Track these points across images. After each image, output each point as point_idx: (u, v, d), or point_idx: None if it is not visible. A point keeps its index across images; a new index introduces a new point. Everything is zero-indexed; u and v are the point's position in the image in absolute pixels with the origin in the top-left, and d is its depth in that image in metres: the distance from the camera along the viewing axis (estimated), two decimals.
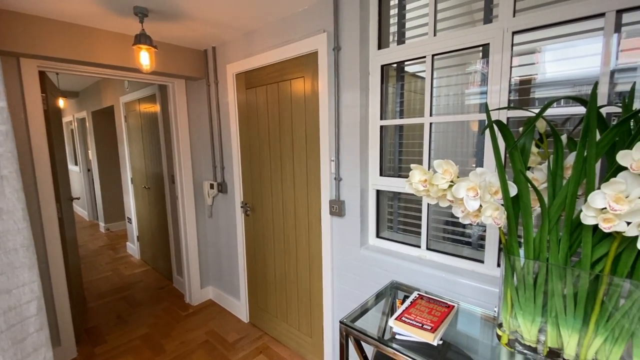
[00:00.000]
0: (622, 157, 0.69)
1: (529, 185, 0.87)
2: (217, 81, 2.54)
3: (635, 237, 0.71)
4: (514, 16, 1.21)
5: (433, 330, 1.02)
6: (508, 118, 1.27)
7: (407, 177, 1.60)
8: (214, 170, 2.73)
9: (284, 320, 2.35)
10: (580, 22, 1.09)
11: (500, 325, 1.00)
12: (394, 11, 1.61)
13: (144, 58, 1.84)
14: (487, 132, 1.32)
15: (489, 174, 0.93)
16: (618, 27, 1.03)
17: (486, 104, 0.96)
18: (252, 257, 2.53)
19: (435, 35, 1.44)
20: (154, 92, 3.14)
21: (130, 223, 4.22)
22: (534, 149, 0.96)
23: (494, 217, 0.90)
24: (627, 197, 0.68)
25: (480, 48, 1.34)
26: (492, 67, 1.27)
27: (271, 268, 2.38)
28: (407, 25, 1.58)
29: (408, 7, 1.57)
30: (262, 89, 2.19)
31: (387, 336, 1.12)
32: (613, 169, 0.74)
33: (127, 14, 1.82)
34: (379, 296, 1.42)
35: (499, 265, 1.35)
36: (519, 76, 1.26)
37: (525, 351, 0.94)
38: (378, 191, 1.75)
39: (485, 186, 0.90)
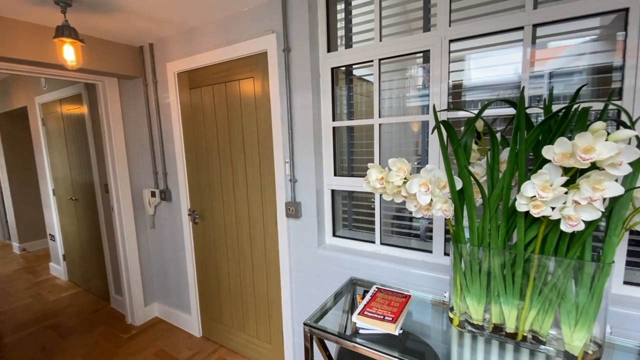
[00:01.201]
0: (546, 151, 0.80)
1: (472, 179, 0.96)
2: (156, 80, 2.35)
3: (558, 220, 0.83)
4: (450, 26, 1.33)
5: (394, 320, 1.07)
6: (448, 119, 1.39)
7: (360, 176, 1.67)
8: (155, 176, 2.52)
9: (240, 329, 2.27)
10: (504, 33, 1.24)
11: (451, 309, 1.09)
12: (341, 15, 1.66)
13: (69, 53, 1.62)
14: (430, 131, 1.42)
15: (438, 170, 1.00)
16: (534, 39, 1.19)
17: (433, 106, 1.03)
18: (203, 267, 2.40)
19: (381, 40, 1.52)
20: (79, 91, 2.80)
21: (54, 241, 3.70)
22: (473, 146, 1.06)
23: (443, 210, 0.97)
24: (551, 186, 0.79)
25: (422, 54, 1.45)
26: (432, 72, 1.38)
27: (225, 277, 2.28)
28: (354, 30, 1.64)
29: (354, 12, 1.63)
30: (208, 89, 2.09)
31: (350, 332, 1.15)
32: (539, 162, 0.85)
33: (46, 2, 1.60)
34: (338, 294, 1.44)
35: (445, 254, 1.47)
36: (454, 80, 1.38)
37: (473, 330, 1.03)
38: (333, 191, 1.78)
39: (434, 181, 0.97)
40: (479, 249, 0.98)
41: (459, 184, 0.99)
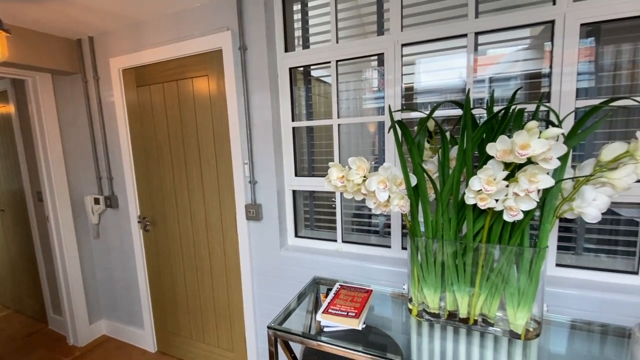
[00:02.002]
0: (490, 148, 0.87)
1: (426, 175, 1.02)
2: (98, 77, 2.16)
3: (501, 211, 0.91)
4: (402, 30, 1.40)
5: (357, 316, 1.09)
6: (402, 119, 1.45)
7: (320, 176, 1.68)
8: (98, 182, 2.32)
9: (200, 340, 2.16)
10: (450, 40, 1.33)
11: (410, 300, 1.14)
12: (297, 16, 1.66)
13: None
14: (387, 131, 1.48)
15: (394, 168, 1.04)
16: (476, 47, 1.29)
17: (389, 107, 1.07)
18: (157, 277, 2.25)
19: (337, 42, 1.55)
20: (4, 87, 2.47)
21: None
22: (426, 145, 1.12)
23: (400, 205, 1.01)
24: (495, 180, 0.86)
25: (377, 57, 1.51)
26: (387, 75, 1.44)
27: (181, 286, 2.15)
28: (312, 31, 1.65)
29: (311, 13, 1.64)
30: (157, 87, 1.97)
31: (314, 332, 1.15)
32: (484, 158, 0.93)
33: None
34: (302, 295, 1.44)
35: (403, 248, 1.54)
36: (407, 83, 1.45)
37: (431, 318, 1.09)
38: (294, 191, 1.78)
39: (392, 179, 1.01)
40: (433, 241, 1.04)
41: (413, 181, 1.04)
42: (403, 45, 1.40)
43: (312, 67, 1.69)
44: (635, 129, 1.16)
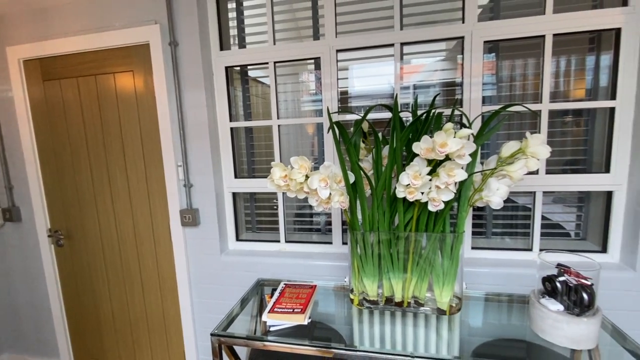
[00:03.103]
0: (415, 147, 0.97)
1: (362, 173, 1.09)
2: None
3: (426, 202, 1.02)
4: (336, 37, 1.47)
5: (303, 311, 1.12)
6: (338, 121, 1.53)
7: (261, 177, 1.67)
8: None
9: None
10: (380, 48, 1.45)
11: (351, 291, 1.21)
12: (232, 14, 1.63)
13: None
14: (326, 131, 1.54)
15: (334, 167, 1.10)
16: (402, 56, 1.43)
17: (327, 108, 1.13)
18: (74, 297, 1.98)
19: (275, 44, 1.56)
20: None
21: None
22: (361, 145, 1.20)
23: (340, 202, 1.07)
24: (420, 175, 0.96)
25: (313, 61, 1.56)
26: (324, 78, 1.50)
27: (106, 305, 1.93)
28: (248, 31, 1.63)
29: (247, 13, 1.62)
30: (70, 82, 1.74)
31: (260, 333, 1.14)
32: (411, 156, 1.03)
33: None
34: (246, 299, 1.41)
35: (344, 243, 1.61)
36: (342, 87, 1.54)
37: (370, 306, 1.17)
38: (234, 194, 1.73)
39: (332, 176, 1.06)
40: (371, 233, 1.12)
41: (352, 178, 1.11)
42: (338, 50, 1.48)
43: (249, 67, 1.67)
44: (527, 129, 1.41)
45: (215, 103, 1.64)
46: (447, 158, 0.97)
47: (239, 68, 1.67)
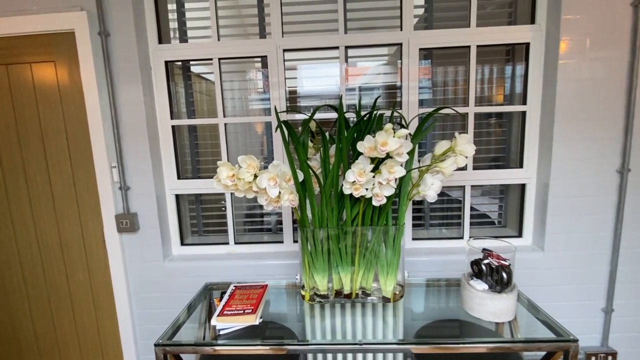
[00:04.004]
0: (359, 146, 1.02)
1: (311, 171, 1.12)
2: None
3: (370, 198, 1.08)
4: (283, 36, 1.48)
5: (254, 311, 1.11)
6: (286, 120, 1.54)
7: (207, 177, 1.61)
8: None
9: None
10: (326, 50, 1.49)
11: (302, 287, 1.23)
12: (172, 6, 1.54)
13: None
14: (274, 130, 1.54)
15: (283, 165, 1.11)
16: (347, 59, 1.49)
17: (274, 107, 1.13)
18: None
19: (219, 40, 1.51)
20: None
21: None
22: (309, 144, 1.23)
23: (290, 200, 1.08)
24: (364, 172, 1.02)
25: (260, 59, 1.55)
26: (271, 77, 1.50)
27: (27, 324, 1.70)
28: (190, 24, 1.56)
29: (188, 6, 1.55)
30: None
31: (210, 339, 1.10)
32: (356, 155, 1.09)
33: None
34: (193, 305, 1.35)
35: (294, 241, 1.63)
36: (290, 87, 1.55)
37: (321, 300, 1.21)
38: (178, 196, 1.64)
39: (281, 175, 1.07)
40: (320, 229, 1.15)
41: (301, 176, 1.13)
42: (285, 50, 1.48)
43: (192, 62, 1.60)
44: (458, 130, 1.56)
45: (154, 99, 1.54)
46: (388, 156, 1.04)
47: (180, 63, 1.59)
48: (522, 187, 1.57)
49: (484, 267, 1.13)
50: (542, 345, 1.00)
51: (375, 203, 1.07)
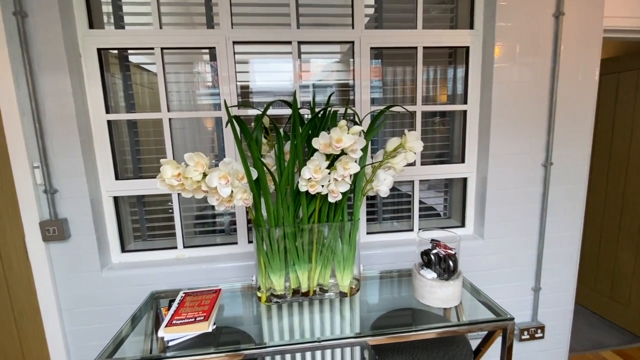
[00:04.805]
0: (315, 142, 1.01)
1: (265, 168, 1.08)
2: None
3: (326, 194, 1.08)
4: (232, 28, 1.41)
5: (206, 318, 1.04)
6: (238, 116, 1.48)
7: (151, 177, 1.48)
8: None
9: None
10: (278, 45, 1.46)
11: (259, 289, 1.19)
12: None
13: None
14: (224, 125, 1.47)
15: (235, 163, 1.05)
16: (300, 54, 1.47)
17: (224, 101, 1.07)
18: None
19: (161, 28, 1.40)
20: None
21: None
22: (263, 140, 1.19)
23: (244, 199, 1.04)
24: (320, 169, 1.01)
25: (208, 51, 1.46)
26: (220, 71, 1.42)
27: None
28: (126, 9, 1.41)
29: None
30: None
31: (158, 351, 1.02)
32: (311, 151, 1.07)
33: None
34: (138, 316, 1.24)
35: (250, 241, 1.58)
36: (241, 81, 1.49)
37: (278, 300, 1.18)
38: (116, 198, 1.49)
39: (233, 173, 1.02)
40: (276, 228, 1.12)
41: (254, 174, 1.08)
42: (235, 42, 1.42)
43: (130, 51, 1.46)
44: (406, 128, 1.63)
45: (85, 91, 1.37)
46: (343, 153, 1.04)
47: (116, 52, 1.44)
48: (464, 180, 1.69)
49: (432, 256, 1.20)
50: (484, 325, 1.09)
51: (331, 199, 1.07)
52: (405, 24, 1.53)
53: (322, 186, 1.05)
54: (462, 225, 1.72)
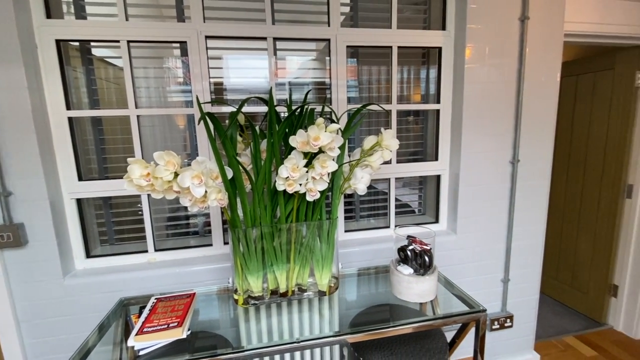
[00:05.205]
0: (292, 141, 1.00)
1: (241, 167, 1.05)
2: None
3: (304, 193, 1.07)
4: (204, 22, 1.36)
5: (180, 324, 1.00)
6: (211, 113, 1.43)
7: (118, 177, 1.40)
8: None
9: None
10: (253, 40, 1.42)
11: (235, 291, 1.16)
12: None
13: None
14: (197, 122, 1.42)
15: (208, 162, 1.02)
16: (275, 51, 1.44)
17: (196, 97, 1.03)
18: None
19: (127, 19, 1.32)
20: None
21: None
22: (238, 138, 1.16)
23: (218, 200, 1.00)
24: (298, 167, 1.00)
25: (179, 45, 1.40)
26: (192, 66, 1.37)
27: None
28: None
29: None
30: None
31: None
32: (288, 150, 1.06)
33: None
34: (106, 324, 1.17)
35: (225, 243, 1.53)
36: (214, 77, 1.44)
37: (256, 302, 1.16)
38: (80, 201, 1.40)
39: (207, 173, 0.98)
40: (253, 229, 1.10)
41: (229, 173, 1.05)
42: (207, 37, 1.37)
43: (93, 44, 1.37)
44: (382, 126, 1.65)
45: (42, 85, 1.27)
46: (320, 151, 1.04)
47: (78, 44, 1.35)
48: (438, 177, 1.74)
49: (409, 252, 1.22)
50: (458, 318, 1.12)
51: (309, 198, 1.06)
52: (380, 24, 1.55)
53: (300, 185, 1.03)
54: (436, 221, 1.77)
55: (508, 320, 1.78)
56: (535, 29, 1.56)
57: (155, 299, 1.19)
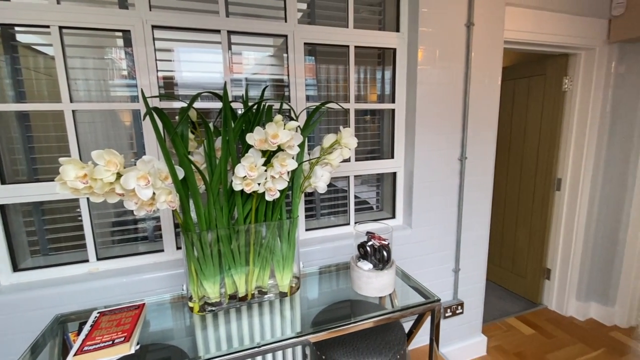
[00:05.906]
0: (249, 138, 0.96)
1: (193, 167, 0.99)
2: None
3: (263, 193, 1.04)
4: (150, 10, 1.26)
5: (127, 339, 0.92)
6: (159, 108, 1.33)
7: (51, 180, 1.25)
8: None
9: None
10: (206, 33, 1.35)
11: (190, 298, 1.10)
12: None
13: None
14: (142, 117, 1.31)
15: (157, 161, 0.94)
16: (230, 45, 1.38)
17: (141, 90, 0.95)
18: None
19: (59, 3, 1.18)
20: None
21: None
22: (190, 136, 1.09)
23: (168, 202, 0.93)
24: (256, 166, 0.96)
25: (122, 34, 1.28)
26: (138, 57, 1.26)
27: None
28: None
29: None
30: None
31: None
32: (245, 148, 1.02)
33: None
34: (39, 345, 1.04)
35: (178, 248, 1.44)
36: (164, 70, 1.34)
37: (213, 308, 1.10)
38: (3, 207, 1.22)
39: (155, 173, 0.91)
40: (208, 232, 1.04)
41: (181, 174, 0.99)
42: (154, 27, 1.27)
43: (17, 28, 1.20)
44: (341, 125, 1.66)
45: None
46: (279, 149, 1.01)
47: None
48: (394, 175, 1.80)
49: (368, 248, 1.24)
50: (415, 309, 1.17)
51: (268, 198, 1.03)
52: (337, 23, 1.56)
53: (259, 184, 1.00)
54: (393, 216, 1.83)
55: (459, 307, 1.91)
56: (479, 35, 1.68)
57: (98, 312, 1.08)
